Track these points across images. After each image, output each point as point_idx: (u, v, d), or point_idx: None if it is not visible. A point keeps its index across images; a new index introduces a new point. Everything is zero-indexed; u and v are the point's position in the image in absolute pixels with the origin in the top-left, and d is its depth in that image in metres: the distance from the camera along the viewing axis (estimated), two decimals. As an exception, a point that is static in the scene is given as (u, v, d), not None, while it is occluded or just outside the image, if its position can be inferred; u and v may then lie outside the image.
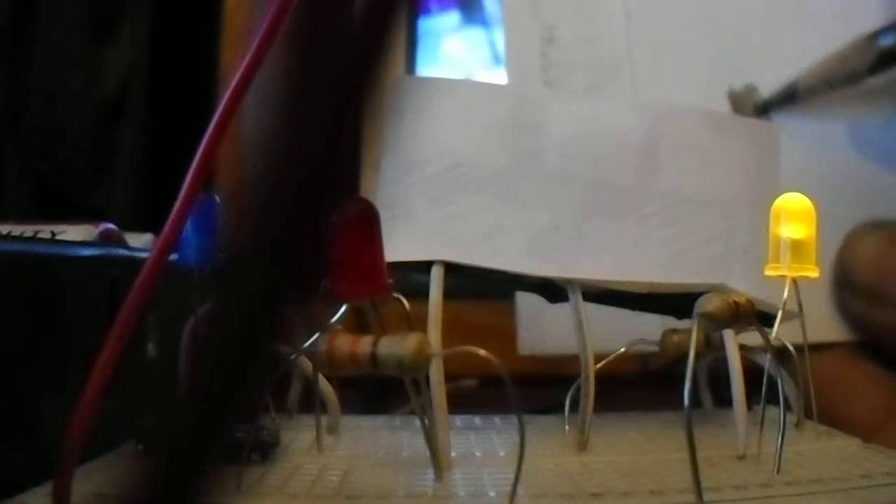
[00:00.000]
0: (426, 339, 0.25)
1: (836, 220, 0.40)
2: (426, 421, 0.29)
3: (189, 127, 0.26)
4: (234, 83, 0.25)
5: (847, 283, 0.39)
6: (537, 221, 0.38)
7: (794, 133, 0.45)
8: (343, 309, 0.28)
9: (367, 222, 0.28)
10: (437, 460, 0.28)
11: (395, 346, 0.25)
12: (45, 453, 0.23)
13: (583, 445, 0.32)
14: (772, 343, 0.30)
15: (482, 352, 0.24)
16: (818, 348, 0.32)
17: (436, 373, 0.29)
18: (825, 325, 0.40)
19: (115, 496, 0.24)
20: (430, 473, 0.28)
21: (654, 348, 0.36)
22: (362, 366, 0.25)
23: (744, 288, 0.34)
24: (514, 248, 0.37)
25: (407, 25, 0.66)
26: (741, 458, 0.30)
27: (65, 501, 0.23)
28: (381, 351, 0.25)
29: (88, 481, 0.25)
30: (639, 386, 0.40)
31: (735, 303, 0.27)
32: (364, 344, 0.25)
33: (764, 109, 0.47)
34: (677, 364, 0.32)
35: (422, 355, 0.24)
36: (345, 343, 0.25)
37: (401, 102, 0.40)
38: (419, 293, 0.32)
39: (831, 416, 0.32)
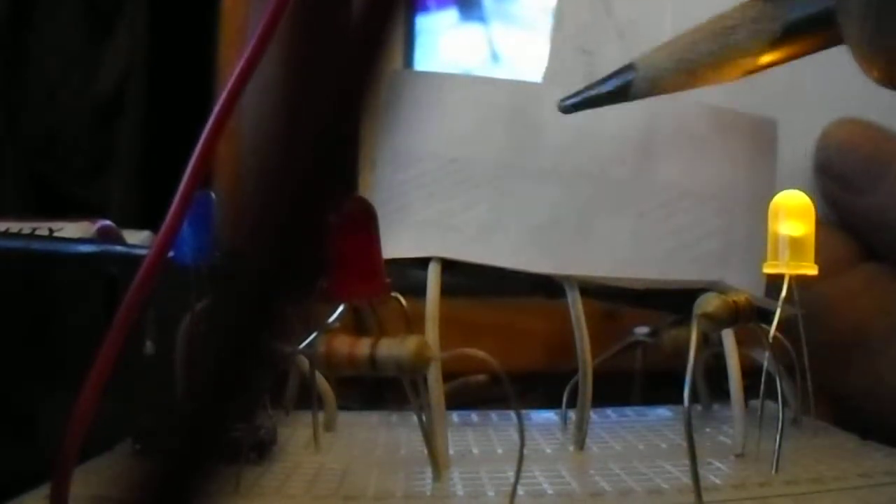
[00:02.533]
0: (425, 342, 0.25)
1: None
2: (424, 420, 0.29)
3: (187, 124, 0.26)
4: (231, 81, 0.25)
5: (822, 168, 0.40)
6: (534, 217, 0.38)
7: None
8: (341, 309, 0.28)
9: (366, 222, 0.28)
10: (436, 460, 0.28)
11: (394, 348, 0.24)
12: (42, 454, 0.23)
13: (581, 443, 0.32)
14: (770, 341, 0.29)
15: (480, 353, 0.24)
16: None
17: (434, 374, 0.29)
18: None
19: (113, 498, 0.23)
20: (429, 473, 0.28)
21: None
22: (361, 368, 0.25)
23: (741, 283, 0.34)
24: (511, 244, 0.37)
25: (404, 23, 0.66)
26: (739, 455, 0.30)
27: (62, 503, 0.23)
28: (379, 353, 0.25)
29: (86, 482, 0.25)
30: (636, 382, 0.41)
31: (734, 303, 0.27)
32: (363, 346, 0.25)
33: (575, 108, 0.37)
34: (675, 361, 0.32)
35: (421, 358, 0.24)
36: (343, 345, 0.25)
37: (397, 97, 0.40)
38: (416, 290, 0.32)
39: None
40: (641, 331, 0.39)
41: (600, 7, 0.47)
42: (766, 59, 0.32)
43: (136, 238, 0.42)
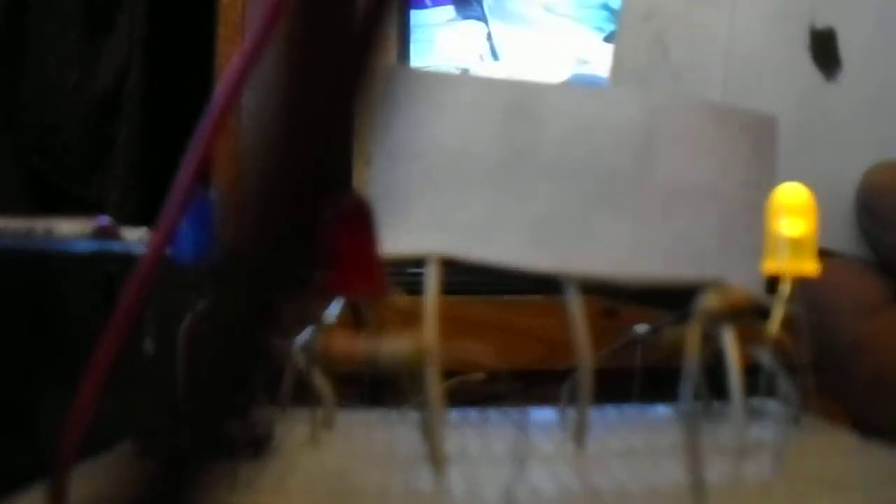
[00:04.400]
0: (424, 339, 0.25)
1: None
2: (423, 418, 0.28)
3: (185, 121, 0.26)
4: (230, 77, 0.25)
5: (864, 208, 0.41)
6: (534, 215, 0.37)
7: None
8: (339, 306, 0.28)
9: (363, 219, 0.28)
10: (434, 458, 0.28)
11: (393, 345, 0.24)
12: (40, 452, 0.23)
13: (580, 442, 0.32)
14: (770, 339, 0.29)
15: (479, 348, 0.24)
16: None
17: (432, 371, 0.29)
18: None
19: (112, 496, 0.23)
20: (427, 471, 0.28)
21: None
22: (360, 365, 0.25)
23: (741, 281, 0.34)
24: (510, 241, 0.37)
25: (400, 19, 0.66)
26: (739, 454, 0.30)
27: (61, 501, 0.23)
28: (378, 350, 0.25)
29: (85, 481, 0.25)
30: (636, 380, 0.41)
31: (735, 300, 0.26)
32: (361, 343, 0.25)
33: None
34: (675, 358, 0.32)
35: (420, 354, 0.24)
36: (341, 342, 0.25)
37: (394, 93, 0.40)
38: (415, 288, 0.32)
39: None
40: (641, 328, 0.39)
41: (657, 50, 0.47)
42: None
43: (135, 235, 0.42)
